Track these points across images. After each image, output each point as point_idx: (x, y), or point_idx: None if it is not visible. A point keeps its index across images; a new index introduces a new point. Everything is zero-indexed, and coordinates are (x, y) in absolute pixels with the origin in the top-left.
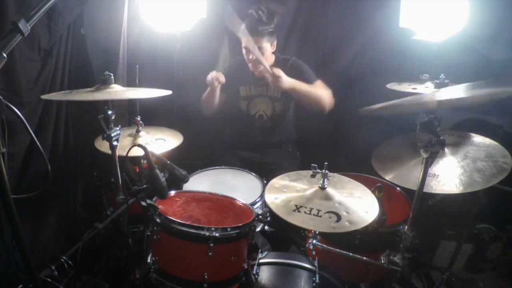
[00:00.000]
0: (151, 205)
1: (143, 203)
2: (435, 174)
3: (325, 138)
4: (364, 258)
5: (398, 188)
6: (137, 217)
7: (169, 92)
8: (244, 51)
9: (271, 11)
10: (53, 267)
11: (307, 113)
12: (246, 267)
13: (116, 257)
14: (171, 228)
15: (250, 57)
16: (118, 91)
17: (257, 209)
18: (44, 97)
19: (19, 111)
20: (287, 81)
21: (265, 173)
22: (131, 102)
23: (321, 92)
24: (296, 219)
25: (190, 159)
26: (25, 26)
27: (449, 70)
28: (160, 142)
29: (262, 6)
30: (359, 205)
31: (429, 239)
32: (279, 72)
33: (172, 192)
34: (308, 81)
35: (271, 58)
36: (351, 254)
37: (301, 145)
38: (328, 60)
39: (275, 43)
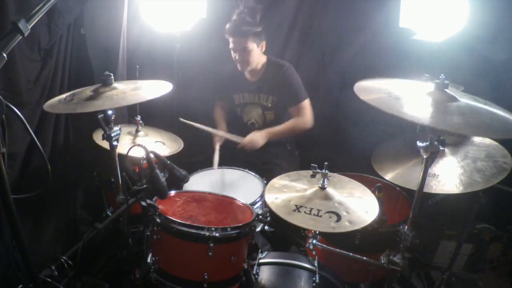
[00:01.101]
0: (151, 205)
1: (143, 203)
2: (435, 174)
3: (325, 138)
4: (364, 258)
5: (398, 188)
6: (137, 217)
7: (169, 86)
8: (231, 50)
9: (252, 8)
10: (53, 267)
11: None
12: (246, 267)
13: (116, 257)
14: (171, 228)
15: (237, 57)
16: (118, 97)
17: (257, 209)
18: (46, 108)
19: (19, 111)
20: (260, 141)
21: (265, 173)
22: None
23: (295, 123)
24: (296, 219)
25: (189, 158)
26: (25, 26)
27: (449, 70)
28: (159, 145)
29: (242, 6)
30: (359, 205)
31: (429, 239)
32: (251, 139)
33: (172, 192)
34: (292, 101)
35: (262, 59)
36: (351, 254)
37: (301, 145)
38: (328, 60)
39: (263, 43)
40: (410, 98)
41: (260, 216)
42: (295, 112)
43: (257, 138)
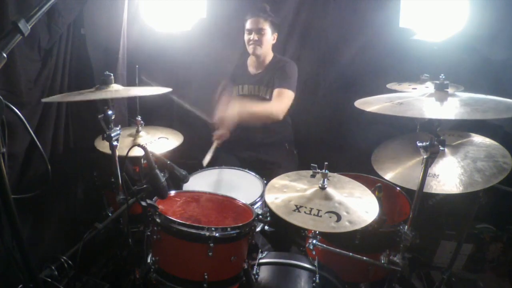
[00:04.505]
0: (151, 205)
1: (143, 203)
2: (435, 174)
3: (325, 138)
4: (364, 258)
5: (398, 188)
6: (137, 217)
7: (169, 89)
8: (246, 33)
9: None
10: (53, 267)
11: (307, 113)
12: (246, 267)
13: (116, 257)
14: (171, 228)
15: (251, 38)
16: (118, 90)
17: (257, 209)
18: (45, 100)
19: (19, 111)
20: (230, 122)
21: (264, 172)
22: (131, 101)
23: (269, 107)
24: (296, 219)
25: (190, 159)
26: (25, 26)
27: (449, 70)
28: (163, 140)
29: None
30: (359, 205)
31: (429, 239)
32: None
33: (172, 192)
34: (278, 83)
35: (270, 53)
36: (351, 254)
37: (301, 145)
38: (328, 60)
39: (275, 35)
40: (412, 101)
41: (260, 216)
42: (275, 94)
43: (227, 123)
